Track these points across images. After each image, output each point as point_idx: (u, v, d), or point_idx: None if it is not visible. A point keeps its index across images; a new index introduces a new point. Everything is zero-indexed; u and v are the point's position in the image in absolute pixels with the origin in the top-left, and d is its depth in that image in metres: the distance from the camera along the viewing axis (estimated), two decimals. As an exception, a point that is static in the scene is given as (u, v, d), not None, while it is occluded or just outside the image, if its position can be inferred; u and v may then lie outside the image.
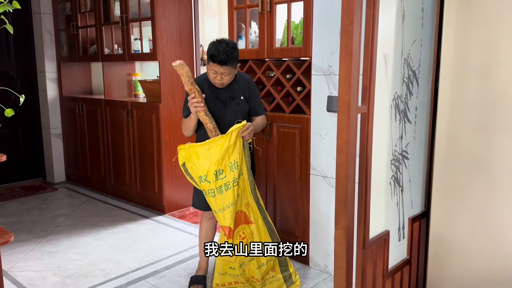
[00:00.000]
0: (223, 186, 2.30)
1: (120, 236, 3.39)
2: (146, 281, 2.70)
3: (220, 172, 2.29)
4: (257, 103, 2.57)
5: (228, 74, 2.36)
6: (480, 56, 1.81)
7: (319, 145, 2.66)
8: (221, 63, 2.29)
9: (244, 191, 2.41)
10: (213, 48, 2.30)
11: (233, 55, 2.31)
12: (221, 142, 2.28)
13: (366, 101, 1.66)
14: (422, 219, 2.13)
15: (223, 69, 2.32)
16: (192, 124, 2.43)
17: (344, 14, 1.49)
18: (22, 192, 4.55)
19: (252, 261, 2.46)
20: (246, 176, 2.40)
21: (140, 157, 3.96)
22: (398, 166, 1.92)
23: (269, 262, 2.47)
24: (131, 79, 4.37)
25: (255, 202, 2.45)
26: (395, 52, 1.80)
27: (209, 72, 2.38)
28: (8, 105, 2.02)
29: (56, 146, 4.84)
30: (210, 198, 2.33)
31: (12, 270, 2.87)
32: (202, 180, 2.30)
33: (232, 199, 2.32)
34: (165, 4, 3.64)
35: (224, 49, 2.28)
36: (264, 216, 2.48)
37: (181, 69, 2.26)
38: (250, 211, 2.44)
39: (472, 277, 1.94)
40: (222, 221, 2.34)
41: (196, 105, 2.30)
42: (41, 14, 4.59)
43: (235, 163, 2.30)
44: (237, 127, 2.30)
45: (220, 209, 2.32)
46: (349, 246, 1.62)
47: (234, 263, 2.41)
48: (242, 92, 2.48)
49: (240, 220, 2.41)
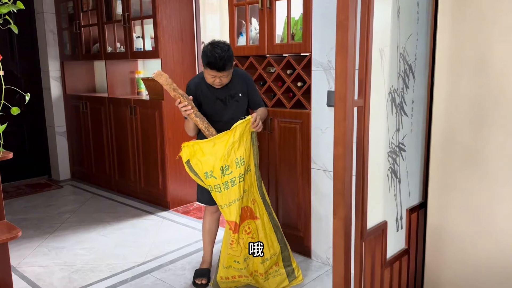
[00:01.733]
0: (229, 181, 2.34)
1: (125, 232, 3.45)
2: (151, 275, 2.76)
3: (226, 168, 2.33)
4: (256, 97, 2.61)
5: (226, 76, 2.41)
6: (475, 50, 1.84)
7: (319, 139, 2.70)
8: (220, 69, 2.33)
9: (251, 187, 2.46)
10: (208, 54, 2.31)
11: (230, 59, 2.35)
12: (225, 138, 2.32)
13: (362, 94, 1.70)
14: (420, 209, 2.16)
15: (221, 73, 2.36)
16: (191, 126, 2.49)
17: (340, 9, 1.53)
18: (28, 189, 4.62)
19: (256, 256, 2.50)
20: (253, 172, 2.44)
21: (144, 153, 4.01)
22: (395, 158, 1.96)
23: (273, 257, 2.51)
24: (134, 77, 4.42)
25: (261, 199, 2.49)
26: (391, 46, 1.83)
27: (207, 76, 2.41)
28: (13, 104, 2.07)
29: (61, 144, 4.91)
30: (216, 194, 2.37)
31: (20, 265, 2.93)
32: (208, 176, 2.35)
33: (238, 194, 2.36)
34: (167, 2, 3.68)
35: (220, 55, 2.29)
36: (269, 212, 2.52)
37: (160, 79, 2.30)
38: (256, 207, 2.48)
39: (469, 266, 1.98)
40: (228, 216, 2.38)
41: (184, 109, 2.35)
42: (44, 13, 4.65)
43: (242, 159, 2.35)
44: (241, 123, 2.33)
45: (226, 204, 2.37)
46: (347, 236, 1.66)
47: (239, 257, 2.45)
48: (240, 88, 2.52)
49: (246, 215, 2.46)
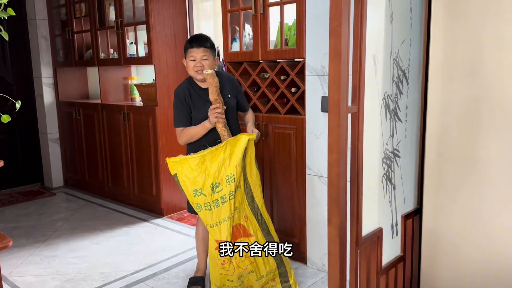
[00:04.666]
0: (219, 199, 2.25)
1: (119, 240, 3.41)
2: (145, 284, 2.72)
3: (216, 185, 2.24)
4: (243, 100, 2.66)
5: (207, 58, 2.40)
6: (468, 55, 1.84)
7: (314, 145, 2.69)
8: (199, 45, 2.37)
9: (242, 204, 2.36)
10: (189, 38, 2.47)
11: (209, 40, 2.44)
12: (215, 153, 2.25)
13: (356, 100, 1.69)
14: (415, 216, 2.15)
15: (202, 51, 2.37)
16: (203, 133, 2.42)
17: (332, 15, 1.52)
18: (20, 197, 4.57)
19: (251, 274, 2.39)
20: (243, 189, 2.35)
21: (137, 160, 3.98)
22: (390, 164, 1.95)
23: (269, 274, 2.42)
24: (127, 83, 4.40)
25: (253, 214, 2.39)
26: (384, 52, 1.83)
27: (189, 64, 2.43)
28: (5, 111, 2.05)
29: (54, 151, 4.86)
30: (206, 212, 2.26)
31: (12, 275, 2.89)
32: (198, 194, 2.24)
33: (229, 212, 2.26)
34: (160, 8, 3.67)
35: (199, 35, 2.44)
36: (263, 227, 2.42)
37: (212, 79, 2.32)
38: (249, 224, 2.38)
39: (465, 272, 1.97)
40: (218, 235, 2.27)
41: (218, 116, 2.32)
42: (37, 20, 4.62)
43: (232, 176, 2.25)
44: (233, 139, 2.29)
45: (216, 223, 2.27)
46: (342, 243, 1.65)
47: (232, 276, 2.35)
48: (229, 90, 2.52)
49: (239, 233, 2.36)
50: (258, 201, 2.42)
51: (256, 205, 2.42)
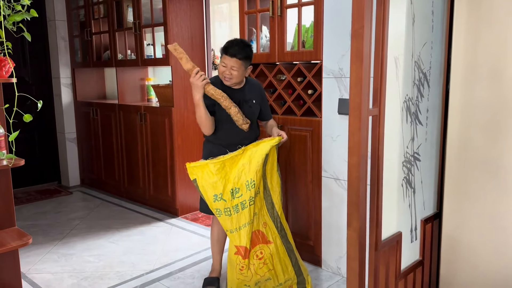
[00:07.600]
0: (239, 204, 2.24)
1: (134, 239, 3.44)
2: (160, 283, 2.74)
3: (236, 191, 2.23)
4: (266, 108, 2.62)
5: (237, 70, 2.33)
6: (491, 58, 1.81)
7: (330, 147, 2.68)
8: (231, 55, 2.30)
9: (261, 210, 2.36)
10: (228, 41, 2.35)
11: (245, 51, 2.32)
12: (235, 159, 2.24)
13: (377, 103, 1.68)
14: (434, 220, 2.13)
15: (233, 61, 2.31)
16: (203, 113, 2.31)
17: (355, 18, 1.51)
18: (38, 196, 4.64)
19: (269, 281, 2.38)
20: (262, 195, 2.34)
21: (153, 160, 4.01)
22: (410, 167, 1.93)
23: (287, 281, 2.41)
24: (144, 84, 4.43)
25: (273, 221, 2.39)
26: (406, 54, 1.81)
27: (220, 66, 2.38)
28: (24, 110, 2.07)
29: (71, 150, 4.92)
30: (226, 217, 2.25)
31: (30, 272, 2.93)
32: (218, 199, 2.23)
33: (249, 218, 2.26)
34: (177, 10, 3.70)
35: (237, 43, 2.32)
36: (282, 235, 2.41)
37: (175, 51, 2.26)
38: (268, 230, 2.38)
39: (484, 279, 1.94)
40: (237, 241, 2.27)
41: (204, 77, 2.24)
42: (56, 21, 4.69)
43: (252, 182, 2.24)
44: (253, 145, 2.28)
45: (236, 229, 2.26)
46: (362, 247, 1.63)
47: (250, 282, 2.34)
48: (254, 96, 2.51)
49: (258, 239, 2.35)
50: (278, 209, 2.41)
51: (276, 213, 2.41)
